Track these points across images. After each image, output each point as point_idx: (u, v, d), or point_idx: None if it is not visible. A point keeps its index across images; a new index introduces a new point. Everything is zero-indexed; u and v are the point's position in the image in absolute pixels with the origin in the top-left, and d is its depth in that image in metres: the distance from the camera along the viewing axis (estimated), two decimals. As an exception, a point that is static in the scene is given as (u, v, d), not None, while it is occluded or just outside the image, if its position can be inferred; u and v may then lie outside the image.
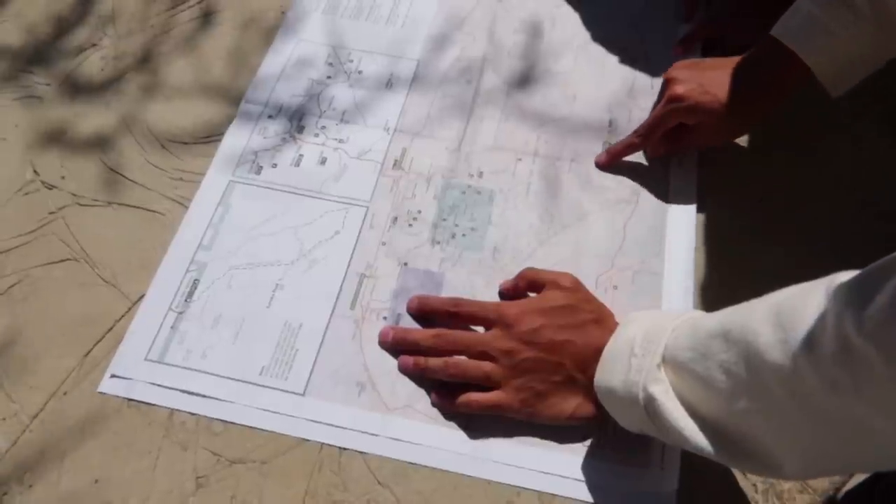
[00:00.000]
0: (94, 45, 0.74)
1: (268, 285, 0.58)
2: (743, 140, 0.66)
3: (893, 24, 0.51)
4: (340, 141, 0.66)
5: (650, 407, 0.43)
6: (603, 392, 0.47)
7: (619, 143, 0.64)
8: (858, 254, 0.35)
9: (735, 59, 0.59)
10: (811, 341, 0.34)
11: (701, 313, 0.45)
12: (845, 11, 0.52)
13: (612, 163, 0.64)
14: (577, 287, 0.54)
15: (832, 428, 0.35)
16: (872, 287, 0.32)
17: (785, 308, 0.37)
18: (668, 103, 0.60)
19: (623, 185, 0.63)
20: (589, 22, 0.74)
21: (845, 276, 0.34)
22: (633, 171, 0.64)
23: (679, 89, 0.59)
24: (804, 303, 0.35)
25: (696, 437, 0.42)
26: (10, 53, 0.74)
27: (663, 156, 0.64)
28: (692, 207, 0.62)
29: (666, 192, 0.63)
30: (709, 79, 0.58)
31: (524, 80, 0.70)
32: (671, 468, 0.50)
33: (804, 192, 0.63)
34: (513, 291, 0.56)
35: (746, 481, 0.51)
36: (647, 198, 0.62)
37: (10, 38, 0.75)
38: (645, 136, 0.62)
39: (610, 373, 0.46)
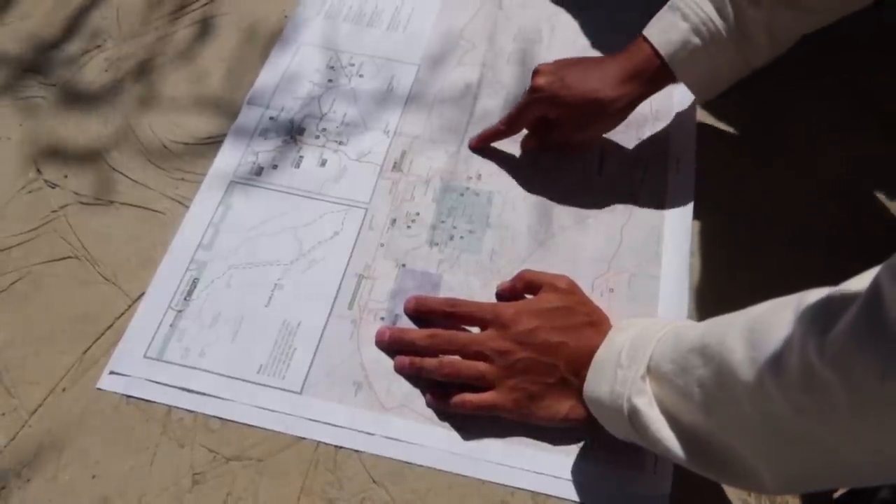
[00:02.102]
0: (97, 46, 0.75)
1: (267, 285, 0.59)
2: (740, 146, 0.66)
3: (754, 37, 0.54)
4: (340, 143, 0.67)
5: (634, 418, 0.44)
6: (591, 401, 0.48)
7: (488, 128, 0.65)
8: (854, 260, 0.35)
9: (605, 57, 0.60)
10: (778, 364, 0.34)
11: (688, 323, 0.46)
12: (710, 25, 0.54)
13: (479, 146, 0.66)
14: (573, 290, 0.54)
15: (802, 447, 0.36)
16: (833, 314, 0.32)
17: (757, 326, 0.37)
18: (528, 94, 0.61)
19: (621, 190, 0.64)
20: (588, 29, 0.75)
21: (815, 295, 0.35)
22: (631, 176, 0.64)
23: (540, 81, 0.59)
24: (775, 323, 0.36)
25: (677, 449, 0.42)
26: (15, 54, 0.75)
27: (534, 149, 0.65)
28: (689, 212, 0.62)
29: (663, 197, 0.63)
30: (571, 73, 0.59)
31: (524, 86, 0.70)
32: (664, 472, 0.50)
33: (800, 198, 0.63)
34: (510, 293, 0.57)
35: (739, 484, 0.51)
36: (644, 202, 0.63)
37: (15, 40, 0.76)
38: (509, 125, 0.63)
39: (597, 383, 0.47)
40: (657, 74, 0.57)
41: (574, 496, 0.50)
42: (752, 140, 0.67)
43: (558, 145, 0.64)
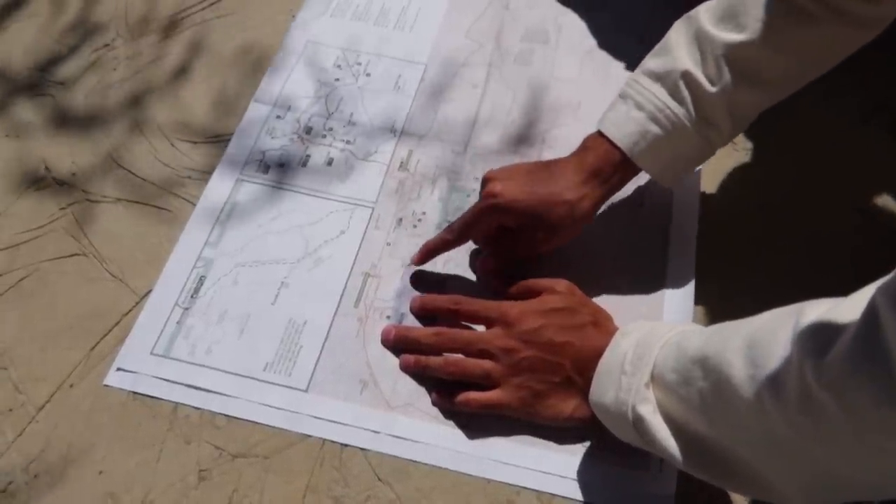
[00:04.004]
0: (106, 45, 0.75)
1: (273, 283, 0.59)
2: (745, 148, 0.66)
3: (714, 119, 0.52)
4: (347, 142, 0.67)
5: (638, 425, 0.44)
6: (596, 407, 0.48)
7: (433, 239, 0.58)
8: (861, 263, 0.35)
9: (558, 160, 0.56)
10: (777, 384, 0.34)
11: (691, 329, 0.46)
12: (667, 111, 0.52)
13: (424, 261, 0.58)
14: (573, 291, 0.54)
15: (805, 463, 0.36)
16: (830, 335, 0.32)
17: (757, 341, 0.37)
18: (484, 200, 0.55)
19: (627, 190, 0.63)
20: (594, 29, 0.75)
21: (814, 310, 0.34)
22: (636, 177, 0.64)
23: (496, 186, 0.54)
24: (773, 339, 0.36)
25: (683, 457, 0.43)
26: (25, 53, 0.75)
27: (493, 273, 0.58)
28: (694, 213, 0.62)
29: (669, 198, 0.63)
30: (526, 177, 0.54)
31: (530, 86, 0.71)
32: (669, 472, 0.50)
33: (807, 200, 0.63)
34: (513, 292, 0.57)
35: (744, 485, 0.51)
36: (650, 203, 0.63)
37: (25, 38, 0.76)
38: (459, 233, 0.56)
39: (603, 389, 0.47)
40: (619, 170, 0.53)
41: (579, 496, 0.50)
42: (759, 141, 0.67)
43: (521, 259, 0.57)
